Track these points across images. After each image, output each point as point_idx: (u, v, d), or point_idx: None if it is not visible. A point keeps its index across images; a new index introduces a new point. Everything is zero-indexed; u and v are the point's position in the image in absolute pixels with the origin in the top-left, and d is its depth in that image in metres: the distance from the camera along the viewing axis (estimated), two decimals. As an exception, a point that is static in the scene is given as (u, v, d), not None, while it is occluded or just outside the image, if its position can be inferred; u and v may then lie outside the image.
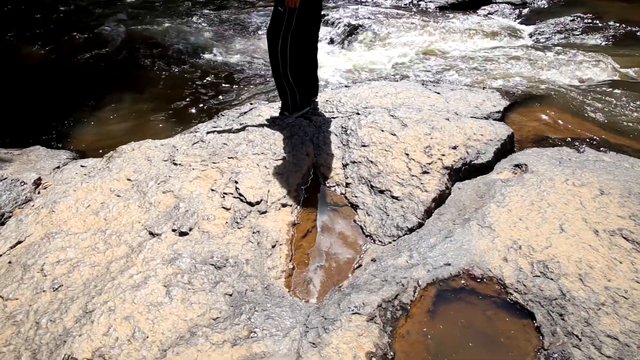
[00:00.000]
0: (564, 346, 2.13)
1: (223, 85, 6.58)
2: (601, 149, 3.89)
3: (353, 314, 2.30)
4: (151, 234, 2.94)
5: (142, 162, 3.74)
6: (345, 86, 5.32)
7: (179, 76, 6.86)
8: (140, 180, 3.46)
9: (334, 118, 4.11)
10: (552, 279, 2.44)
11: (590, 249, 2.60)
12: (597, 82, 5.71)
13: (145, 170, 3.59)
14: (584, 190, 3.08)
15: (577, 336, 2.16)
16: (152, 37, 8.29)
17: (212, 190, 3.28)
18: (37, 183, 3.68)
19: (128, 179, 3.50)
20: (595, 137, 4.20)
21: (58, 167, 4.06)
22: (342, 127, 3.91)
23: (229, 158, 3.61)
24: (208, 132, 4.04)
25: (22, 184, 3.60)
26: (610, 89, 5.35)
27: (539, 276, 2.46)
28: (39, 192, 3.60)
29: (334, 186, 3.43)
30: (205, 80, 6.70)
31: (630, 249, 2.59)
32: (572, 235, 2.70)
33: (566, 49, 6.87)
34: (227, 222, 3.04)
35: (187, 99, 6.17)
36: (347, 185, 3.38)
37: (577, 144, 3.97)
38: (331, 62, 7.00)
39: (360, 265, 2.78)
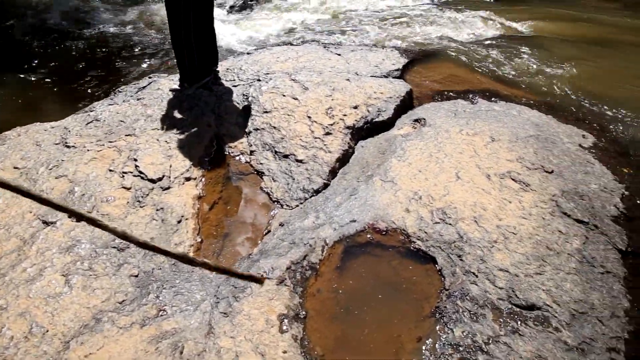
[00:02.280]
0: (463, 284, 2.27)
1: (118, 59, 6.18)
2: (492, 99, 4.11)
3: (263, 279, 2.30)
4: (45, 222, 2.74)
5: (30, 148, 3.46)
6: (247, 53, 5.20)
7: (67, 51, 6.33)
8: (30, 167, 3.20)
9: (235, 86, 4.02)
10: (450, 224, 2.57)
11: (483, 193, 2.77)
12: (488, 37, 6.00)
13: (34, 156, 3.33)
14: (477, 138, 3.25)
15: (474, 273, 2.31)
16: (31, 7, 7.57)
17: (110, 170, 3.11)
18: None
19: (15, 167, 3.23)
20: (487, 88, 4.43)
21: None
22: (244, 94, 3.83)
23: (126, 135, 3.43)
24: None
25: None
26: (500, 43, 5.64)
27: (438, 223, 2.59)
28: None
29: (238, 155, 3.37)
30: (97, 55, 6.25)
31: (517, 189, 2.79)
32: (467, 181, 2.86)
33: (460, 7, 7.13)
34: (128, 202, 2.91)
35: (79, 76, 5.73)
36: (252, 152, 3.34)
37: (471, 96, 4.16)
38: (231, 29, 6.79)
39: (269, 231, 2.78)
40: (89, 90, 5.50)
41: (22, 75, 5.74)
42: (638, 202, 2.87)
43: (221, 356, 1.99)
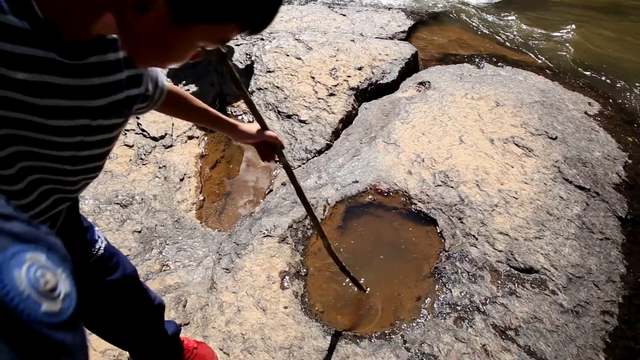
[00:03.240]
0: (462, 246, 2.30)
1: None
2: (499, 64, 4.05)
3: (264, 237, 2.32)
4: (48, 177, 2.75)
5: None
6: (250, 12, 5.10)
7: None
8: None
9: (237, 45, 3.95)
10: (452, 187, 2.58)
11: (486, 157, 2.76)
12: (495, 1, 5.87)
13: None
14: (482, 103, 3.22)
15: (474, 236, 2.33)
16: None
17: (113, 127, 3.10)
18: None
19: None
20: (493, 53, 4.37)
21: None
22: (247, 53, 3.78)
23: (128, 93, 3.40)
24: None
25: None
26: (508, 7, 5.52)
27: (440, 185, 2.59)
28: None
29: (240, 114, 3.35)
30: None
31: (520, 154, 2.78)
32: (470, 145, 2.85)
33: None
34: (131, 160, 2.90)
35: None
36: (255, 112, 3.31)
37: (477, 60, 4.11)
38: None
39: (271, 190, 2.78)
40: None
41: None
42: (640, 170, 2.87)
43: (223, 310, 2.02)
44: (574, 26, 4.93)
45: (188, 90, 3.42)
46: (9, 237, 0.37)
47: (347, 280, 2.16)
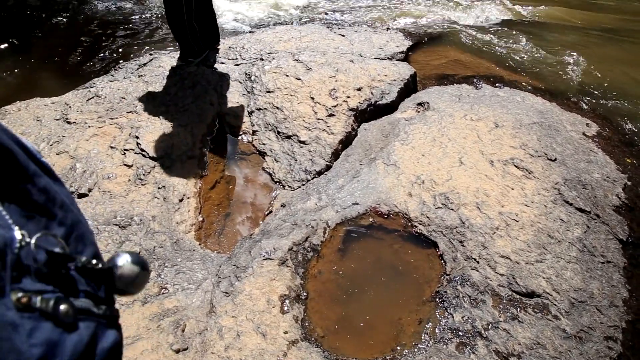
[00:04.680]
0: (464, 269, 2.28)
1: (119, 35, 6.09)
2: (497, 84, 4.08)
3: (264, 259, 2.30)
4: (46, 198, 2.73)
5: (31, 123, 3.43)
6: (249, 32, 5.14)
7: (67, 26, 6.26)
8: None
9: (237, 65, 3.97)
10: (452, 209, 2.57)
11: (486, 179, 2.76)
12: (494, 22, 5.93)
13: (35, 132, 3.30)
14: (481, 124, 3.23)
15: (475, 259, 2.32)
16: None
17: (112, 147, 3.09)
18: None
19: (15, 142, 3.20)
20: (491, 73, 4.40)
21: None
22: (246, 73, 3.79)
23: (128, 112, 3.40)
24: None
25: None
26: (505, 28, 5.58)
27: (441, 207, 2.59)
28: None
29: (240, 134, 3.35)
30: (98, 31, 6.16)
31: (520, 176, 2.78)
32: (470, 167, 2.85)
33: (465, -12, 7.03)
34: (129, 180, 2.89)
35: (79, 52, 5.66)
36: (254, 132, 3.31)
37: (475, 80, 4.13)
38: (233, 7, 6.70)
39: (270, 212, 2.77)
40: (89, 66, 5.43)
41: (20, 51, 5.66)
42: (640, 192, 2.88)
43: (222, 335, 2.00)
44: (570, 47, 4.98)
45: (187, 110, 3.42)
46: None
47: (349, 303, 2.14)
